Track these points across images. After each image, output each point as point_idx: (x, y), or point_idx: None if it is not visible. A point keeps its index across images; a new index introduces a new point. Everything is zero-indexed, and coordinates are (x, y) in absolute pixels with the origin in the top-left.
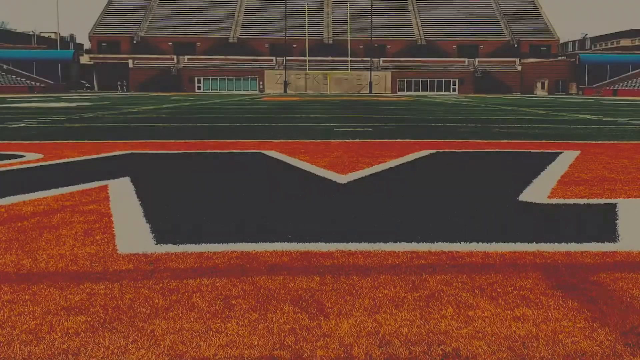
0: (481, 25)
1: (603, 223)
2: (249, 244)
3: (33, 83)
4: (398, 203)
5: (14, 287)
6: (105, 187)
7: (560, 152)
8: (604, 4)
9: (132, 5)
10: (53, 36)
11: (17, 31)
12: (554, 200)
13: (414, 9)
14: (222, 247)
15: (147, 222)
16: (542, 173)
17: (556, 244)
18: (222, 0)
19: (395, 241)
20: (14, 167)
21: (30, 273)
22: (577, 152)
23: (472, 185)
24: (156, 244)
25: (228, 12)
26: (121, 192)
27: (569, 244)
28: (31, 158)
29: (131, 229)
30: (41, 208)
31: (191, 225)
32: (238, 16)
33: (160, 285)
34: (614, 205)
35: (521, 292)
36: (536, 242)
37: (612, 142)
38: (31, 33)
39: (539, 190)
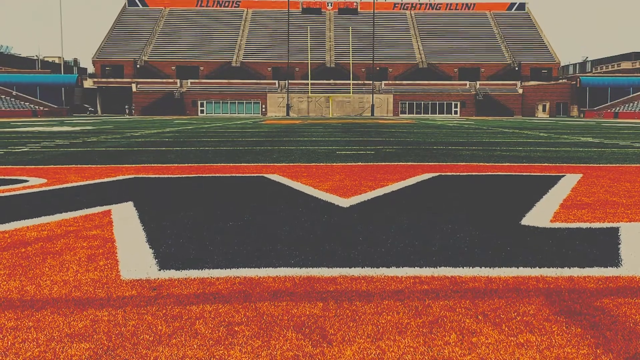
0: (482, 49)
1: (606, 247)
2: (252, 269)
3: (36, 107)
4: (401, 227)
5: (17, 314)
6: (109, 211)
7: (563, 176)
8: (605, 28)
9: (135, 30)
10: (57, 60)
11: (21, 56)
12: (557, 224)
13: (415, 33)
14: (225, 273)
15: (150, 248)
16: (544, 196)
17: (559, 268)
18: (225, 25)
19: (398, 266)
20: (18, 192)
21: (34, 299)
22: (579, 176)
23: (475, 208)
24: (159, 270)
25: (231, 37)
26: (124, 217)
27: (572, 268)
28: (34, 183)
29: (134, 255)
30: (45, 233)
31: (194, 250)
32: (241, 40)
33: (164, 311)
34: (617, 230)
35: (525, 318)
36: (539, 267)
37: (614, 165)
38: (35, 57)
39: (541, 214)
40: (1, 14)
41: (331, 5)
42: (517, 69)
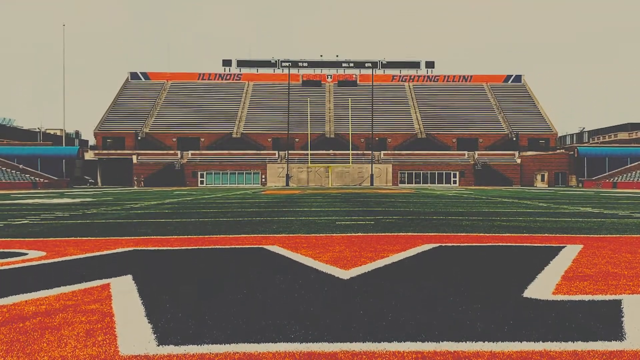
0: (480, 120)
1: (609, 320)
2: (251, 344)
3: (37, 179)
4: (402, 300)
5: None
6: (108, 285)
7: (563, 246)
8: (600, 99)
9: (137, 103)
10: (59, 133)
11: (23, 128)
12: (559, 297)
13: (413, 104)
14: (224, 348)
15: (149, 322)
16: (545, 268)
17: (563, 342)
18: (226, 97)
19: (400, 340)
20: (16, 266)
21: None
22: (579, 246)
23: (476, 281)
24: (158, 345)
25: (232, 109)
26: (123, 291)
27: (575, 342)
28: (34, 256)
29: (133, 330)
30: (43, 308)
31: (193, 325)
32: (242, 112)
33: None
34: (619, 302)
35: None
36: (542, 341)
37: (614, 235)
38: (37, 130)
39: (543, 286)
40: (4, 87)
41: (331, 78)
42: (515, 139)
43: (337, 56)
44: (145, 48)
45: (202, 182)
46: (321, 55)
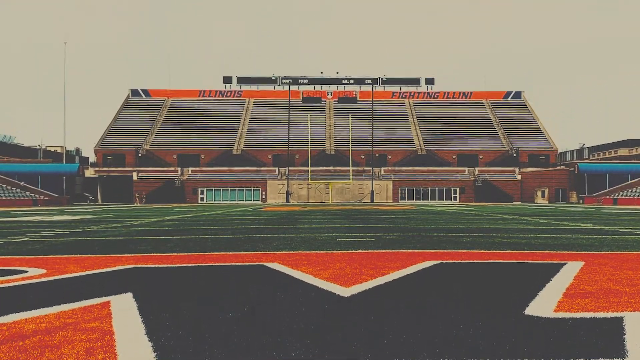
0: (480, 136)
1: (611, 338)
2: None
3: (37, 196)
4: (402, 318)
5: None
6: (108, 303)
7: (564, 263)
8: (600, 114)
9: (138, 120)
10: (59, 150)
11: (23, 145)
12: (561, 314)
13: (414, 120)
14: None
15: (149, 340)
16: (547, 285)
17: None
18: (227, 114)
19: (401, 359)
20: (16, 283)
21: None
22: (581, 263)
23: (477, 298)
24: None
25: (232, 125)
26: (123, 309)
27: None
28: (34, 273)
29: (133, 348)
30: (43, 326)
31: (193, 343)
32: (242, 129)
33: None
34: (621, 319)
35: None
36: (544, 359)
37: (615, 252)
38: (37, 147)
39: (544, 304)
40: (5, 104)
41: (331, 95)
42: (515, 155)
43: (337, 73)
44: (146, 65)
45: (202, 199)
46: (321, 72)
